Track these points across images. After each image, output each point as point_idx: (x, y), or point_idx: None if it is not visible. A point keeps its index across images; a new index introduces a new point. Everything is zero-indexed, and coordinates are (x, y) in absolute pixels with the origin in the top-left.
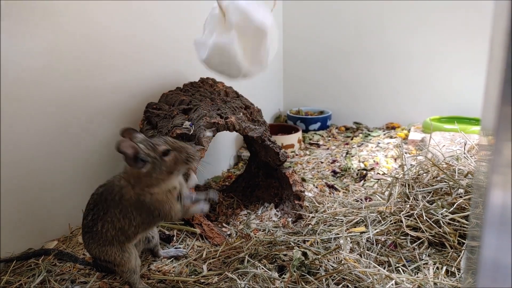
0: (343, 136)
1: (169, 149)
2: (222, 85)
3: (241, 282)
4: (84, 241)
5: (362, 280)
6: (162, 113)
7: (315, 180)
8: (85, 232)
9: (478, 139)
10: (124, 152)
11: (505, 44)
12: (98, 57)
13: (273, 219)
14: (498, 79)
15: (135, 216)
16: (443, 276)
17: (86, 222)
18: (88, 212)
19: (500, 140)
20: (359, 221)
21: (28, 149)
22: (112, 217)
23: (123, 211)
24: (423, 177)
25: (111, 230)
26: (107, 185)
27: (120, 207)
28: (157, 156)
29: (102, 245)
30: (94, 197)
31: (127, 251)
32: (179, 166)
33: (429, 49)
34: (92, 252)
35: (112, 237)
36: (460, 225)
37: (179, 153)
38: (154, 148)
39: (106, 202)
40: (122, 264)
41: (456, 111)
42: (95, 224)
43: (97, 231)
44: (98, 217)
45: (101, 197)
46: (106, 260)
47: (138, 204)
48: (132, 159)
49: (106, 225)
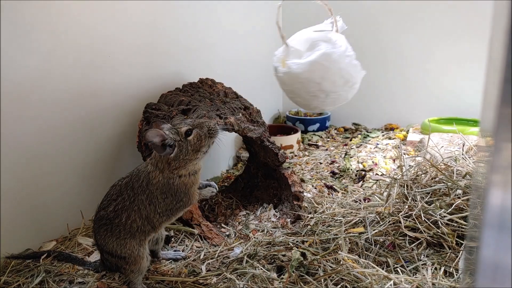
0: (342, 137)
1: (191, 128)
2: (221, 86)
3: (240, 282)
4: (100, 234)
5: (360, 280)
6: (161, 114)
7: (314, 180)
8: (102, 224)
9: (476, 140)
10: (151, 141)
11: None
12: (97, 58)
13: (272, 220)
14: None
15: (160, 201)
16: (441, 276)
17: (104, 214)
18: (109, 203)
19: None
20: (358, 221)
21: (27, 150)
22: (139, 204)
23: (149, 197)
24: (421, 178)
25: (138, 220)
26: (132, 174)
27: (147, 192)
28: (181, 138)
29: (123, 238)
30: (117, 188)
31: (143, 247)
32: (203, 142)
33: (428, 50)
34: (107, 246)
35: (137, 228)
36: (459, 225)
37: (200, 129)
38: (177, 131)
39: (133, 190)
40: (135, 262)
41: (455, 112)
42: (118, 216)
43: (120, 222)
44: (123, 207)
45: (127, 186)
46: (120, 255)
47: (165, 188)
48: (160, 147)
49: (133, 214)
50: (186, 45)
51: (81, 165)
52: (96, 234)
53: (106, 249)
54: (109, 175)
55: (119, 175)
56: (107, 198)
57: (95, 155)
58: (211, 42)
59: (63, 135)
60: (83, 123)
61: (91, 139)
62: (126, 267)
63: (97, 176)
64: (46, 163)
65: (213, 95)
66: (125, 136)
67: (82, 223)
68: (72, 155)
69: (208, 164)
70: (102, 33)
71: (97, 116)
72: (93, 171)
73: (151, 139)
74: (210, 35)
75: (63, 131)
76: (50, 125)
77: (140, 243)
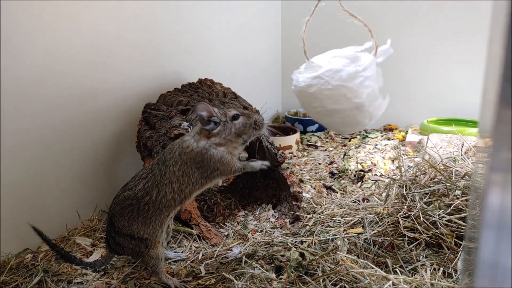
0: (340, 137)
1: (239, 114)
2: (220, 86)
3: (238, 282)
4: (123, 215)
5: (359, 281)
6: (160, 114)
7: (313, 181)
8: (127, 205)
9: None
10: (200, 113)
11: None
12: (97, 58)
13: (270, 220)
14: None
15: (193, 171)
16: (440, 277)
17: (131, 193)
18: (138, 182)
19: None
20: (357, 222)
21: (26, 149)
22: (171, 177)
23: (182, 167)
24: (420, 178)
25: (168, 194)
26: (165, 150)
27: (180, 162)
28: (228, 119)
29: (150, 216)
30: (148, 167)
31: (162, 228)
32: (247, 130)
33: (427, 51)
34: (130, 227)
35: (166, 202)
36: (457, 226)
37: (248, 118)
38: (225, 113)
39: (165, 163)
40: (154, 246)
41: (454, 113)
42: (148, 193)
43: (150, 200)
44: (153, 183)
45: (159, 161)
46: (142, 237)
47: (198, 157)
48: (206, 121)
49: (163, 188)
50: (185, 46)
51: (79, 165)
52: (117, 216)
53: (126, 231)
54: (107, 175)
55: (118, 175)
56: (135, 178)
57: (94, 155)
58: (210, 43)
59: (61, 134)
60: (82, 123)
61: (90, 139)
62: (144, 251)
63: (95, 176)
64: (45, 163)
65: (212, 95)
66: (124, 136)
67: (80, 223)
68: (70, 155)
69: None
70: (101, 33)
71: (96, 116)
72: (91, 171)
73: (200, 111)
74: (209, 36)
75: (62, 131)
76: (49, 125)
77: (162, 221)
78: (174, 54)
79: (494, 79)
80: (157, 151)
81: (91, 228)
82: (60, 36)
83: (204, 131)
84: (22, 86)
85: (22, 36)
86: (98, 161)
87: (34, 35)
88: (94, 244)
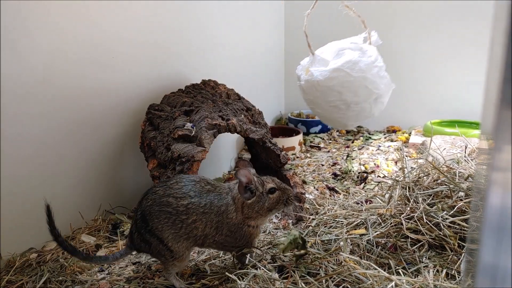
0: (343, 139)
1: (276, 188)
2: (224, 87)
3: (242, 282)
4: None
5: (362, 281)
6: (164, 115)
7: (316, 182)
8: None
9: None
10: (240, 179)
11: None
12: (101, 59)
13: (273, 221)
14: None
15: (223, 234)
16: (443, 279)
17: (174, 202)
18: (184, 196)
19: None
20: (360, 223)
21: (30, 149)
22: (208, 221)
23: (218, 224)
24: (423, 180)
25: (199, 230)
26: (216, 188)
27: (220, 219)
28: (264, 192)
29: (180, 235)
30: (198, 187)
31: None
32: (279, 205)
33: (430, 52)
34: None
35: (194, 236)
36: (461, 228)
37: (283, 193)
38: (263, 184)
39: (211, 206)
40: (179, 259)
41: (457, 115)
42: (188, 215)
43: (186, 221)
44: (195, 210)
45: (208, 195)
46: (170, 248)
47: (234, 228)
48: (244, 188)
49: (199, 224)
50: (189, 47)
51: (83, 165)
52: (153, 215)
53: (158, 234)
54: (111, 176)
55: (122, 176)
56: (182, 190)
57: (98, 155)
58: (214, 44)
59: (65, 135)
60: (86, 123)
61: (94, 140)
62: (169, 258)
63: (99, 176)
64: (49, 163)
65: (215, 96)
66: (127, 137)
67: (84, 222)
68: (74, 155)
69: (210, 165)
70: (105, 34)
71: (100, 117)
72: (95, 171)
73: (240, 177)
74: (213, 37)
75: (66, 131)
76: (53, 125)
77: (189, 247)
78: (177, 55)
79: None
80: (161, 152)
81: (95, 228)
82: (64, 36)
83: (240, 198)
84: (26, 86)
85: (26, 36)
86: (101, 161)
87: (38, 35)
88: (98, 244)
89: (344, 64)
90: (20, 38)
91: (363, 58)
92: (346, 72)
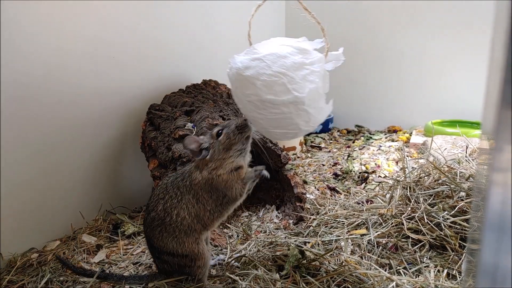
0: (344, 139)
1: (221, 129)
2: (225, 87)
3: (242, 283)
4: (156, 236)
5: (363, 282)
6: (164, 115)
7: (317, 182)
8: (155, 226)
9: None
10: (189, 148)
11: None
12: (101, 59)
13: (274, 221)
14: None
15: (207, 199)
16: (444, 278)
17: (155, 215)
18: (157, 202)
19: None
20: (360, 223)
21: (31, 150)
22: (187, 203)
23: (195, 196)
24: (424, 180)
25: (187, 218)
26: (176, 174)
27: (193, 192)
28: (214, 140)
29: (179, 236)
30: (163, 187)
31: (201, 244)
32: (233, 139)
33: (431, 53)
34: (167, 246)
35: (188, 226)
36: (461, 228)
37: (228, 128)
38: (211, 134)
39: (180, 189)
40: (199, 257)
41: (458, 115)
42: (169, 214)
43: (171, 220)
44: (171, 205)
45: (173, 184)
46: (182, 254)
47: (207, 187)
48: (197, 152)
49: (182, 212)
50: (189, 47)
51: (84, 165)
52: (152, 238)
53: (166, 249)
54: (112, 176)
55: (123, 176)
56: (154, 198)
57: (99, 155)
58: (214, 44)
59: (66, 135)
60: (87, 123)
61: (95, 140)
62: (191, 264)
63: (100, 176)
64: (50, 163)
65: (216, 96)
66: (128, 137)
67: (85, 222)
68: (75, 155)
69: None
70: (106, 35)
71: (101, 117)
72: (96, 171)
73: (189, 146)
74: (213, 37)
75: (67, 131)
76: (53, 125)
77: (196, 241)
78: (178, 55)
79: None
80: (161, 152)
81: (96, 228)
82: (66, 38)
83: (202, 160)
84: (26, 87)
85: (29, 37)
86: (102, 161)
87: (40, 36)
88: (99, 244)
89: (267, 55)
90: (21, 39)
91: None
92: (266, 63)
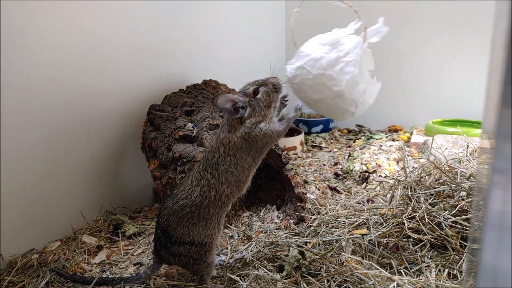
0: (345, 138)
1: (257, 87)
2: (225, 87)
3: (243, 283)
4: (181, 225)
5: (363, 282)
6: (165, 115)
7: (317, 182)
8: (185, 213)
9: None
10: (225, 107)
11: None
12: (102, 60)
13: (275, 221)
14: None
15: (244, 158)
16: (445, 278)
17: (188, 202)
18: (192, 190)
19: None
20: (361, 223)
21: (31, 150)
22: (226, 174)
23: (233, 161)
24: (425, 179)
25: (227, 189)
26: (204, 156)
27: (229, 158)
28: (250, 98)
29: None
30: (195, 175)
31: (220, 225)
32: (272, 97)
33: (432, 52)
34: (190, 234)
35: (226, 197)
36: (462, 227)
37: (266, 86)
38: (245, 93)
39: (214, 165)
40: (211, 250)
41: (459, 114)
42: (207, 197)
43: (210, 202)
44: (209, 186)
45: (206, 167)
46: (202, 242)
47: (244, 145)
48: (233, 111)
49: (220, 188)
50: (190, 47)
51: (84, 166)
52: (173, 226)
53: (187, 238)
54: (112, 176)
55: (123, 176)
56: (185, 187)
57: (99, 155)
58: (214, 44)
59: (67, 135)
60: (87, 124)
61: (95, 140)
62: (204, 257)
63: (100, 177)
64: (50, 164)
65: None
66: (129, 137)
67: (85, 223)
68: (76, 155)
69: None
70: (106, 35)
71: (101, 117)
72: (96, 171)
73: (223, 105)
74: (214, 37)
75: (67, 132)
76: (54, 126)
77: (221, 218)
78: (179, 55)
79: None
80: (162, 152)
81: (96, 229)
82: (66, 38)
83: (235, 120)
84: (28, 87)
85: (28, 37)
86: (103, 162)
87: (40, 36)
88: (99, 245)
89: (306, 62)
90: (22, 39)
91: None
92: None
